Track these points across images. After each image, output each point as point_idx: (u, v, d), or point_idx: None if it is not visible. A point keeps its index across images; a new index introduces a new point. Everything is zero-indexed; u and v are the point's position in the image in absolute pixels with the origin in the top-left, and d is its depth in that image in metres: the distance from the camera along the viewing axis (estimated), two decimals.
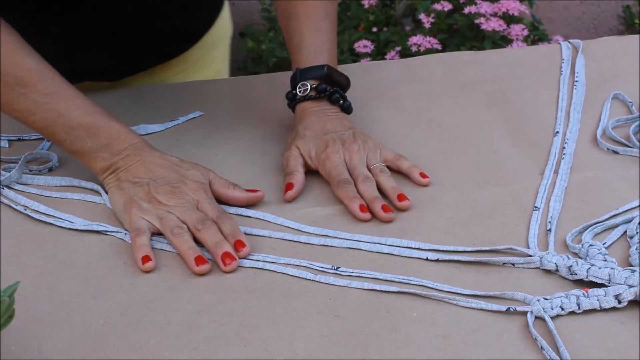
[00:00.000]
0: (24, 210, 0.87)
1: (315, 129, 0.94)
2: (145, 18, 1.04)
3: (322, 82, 0.97)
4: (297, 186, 0.89)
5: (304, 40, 0.99)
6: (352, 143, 0.92)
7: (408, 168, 0.91)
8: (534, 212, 0.84)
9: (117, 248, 0.82)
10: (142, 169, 0.86)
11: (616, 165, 0.92)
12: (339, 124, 0.95)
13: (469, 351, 0.69)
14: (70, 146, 0.88)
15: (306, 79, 0.97)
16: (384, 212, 0.84)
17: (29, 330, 0.72)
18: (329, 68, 0.97)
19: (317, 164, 0.91)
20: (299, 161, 0.91)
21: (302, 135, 0.94)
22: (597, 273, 0.74)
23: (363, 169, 0.89)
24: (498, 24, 2.10)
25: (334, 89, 0.97)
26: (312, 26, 0.99)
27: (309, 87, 0.97)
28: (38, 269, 0.79)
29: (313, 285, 0.77)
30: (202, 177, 0.86)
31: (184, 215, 0.82)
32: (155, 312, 0.74)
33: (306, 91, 0.97)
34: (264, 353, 0.69)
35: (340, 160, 0.90)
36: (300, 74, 0.98)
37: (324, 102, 0.97)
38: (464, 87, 1.09)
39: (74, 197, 0.89)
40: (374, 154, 0.91)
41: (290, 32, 1.01)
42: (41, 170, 0.93)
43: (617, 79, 1.08)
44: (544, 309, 0.71)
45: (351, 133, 0.93)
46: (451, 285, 0.75)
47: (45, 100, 0.86)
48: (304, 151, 0.92)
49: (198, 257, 0.78)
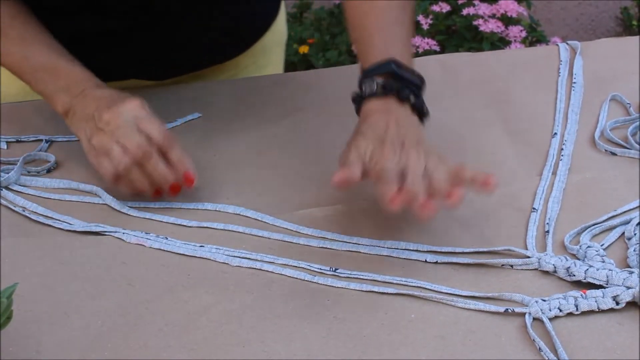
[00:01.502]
0: (23, 211, 0.87)
1: (378, 129, 0.82)
2: (194, 20, 1.03)
3: (391, 78, 0.85)
4: (349, 174, 0.78)
5: (373, 39, 0.90)
6: (412, 148, 0.79)
7: (471, 177, 0.78)
8: (532, 214, 0.84)
9: (116, 248, 0.82)
10: (92, 104, 0.88)
11: (614, 167, 0.92)
12: (406, 128, 0.82)
13: (467, 352, 0.69)
14: (36, 87, 0.92)
15: (372, 76, 0.86)
16: (421, 207, 0.75)
17: (27, 330, 0.72)
18: (397, 63, 0.86)
19: (370, 165, 0.79)
20: (356, 159, 0.80)
21: (361, 133, 0.82)
22: (595, 274, 0.74)
23: (417, 172, 0.77)
24: (496, 25, 2.10)
25: (403, 83, 0.85)
26: (382, 27, 0.91)
27: (375, 84, 0.85)
28: (36, 269, 0.79)
29: (311, 287, 0.77)
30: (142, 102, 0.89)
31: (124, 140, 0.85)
32: (154, 312, 0.74)
33: (372, 89, 0.85)
34: (262, 354, 0.69)
35: (394, 164, 0.78)
36: (364, 73, 0.87)
37: (391, 101, 0.85)
38: (462, 88, 1.09)
39: (72, 198, 0.89)
40: (434, 165, 0.79)
41: (359, 40, 0.92)
42: (39, 172, 0.93)
43: (615, 81, 1.08)
44: (542, 310, 0.71)
45: (416, 140, 0.81)
46: (449, 286, 0.75)
47: (13, 45, 0.92)
48: (360, 151, 0.80)
49: None
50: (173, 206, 0.87)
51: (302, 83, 1.12)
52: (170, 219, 0.86)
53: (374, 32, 0.91)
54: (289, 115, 0.99)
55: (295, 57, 2.29)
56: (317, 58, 2.23)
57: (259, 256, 0.80)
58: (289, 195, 0.89)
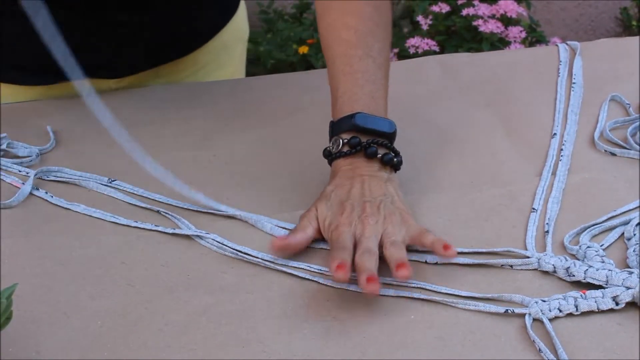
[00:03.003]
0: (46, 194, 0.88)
1: (341, 193, 0.80)
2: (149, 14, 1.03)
3: (355, 135, 0.83)
4: (290, 240, 0.79)
5: (339, 83, 0.86)
6: (372, 215, 0.78)
7: (431, 243, 0.76)
8: (532, 214, 0.84)
9: (115, 248, 0.82)
10: None
11: (614, 167, 0.92)
12: (370, 189, 0.81)
13: (467, 353, 0.69)
14: None
15: (339, 133, 0.84)
16: (366, 282, 0.71)
17: (27, 330, 0.72)
18: (361, 116, 0.83)
19: (327, 230, 0.79)
20: (312, 224, 0.80)
21: (326, 196, 0.81)
22: (594, 275, 0.74)
23: (369, 243, 0.76)
24: (496, 25, 2.10)
25: (370, 140, 0.83)
26: (347, 68, 0.86)
27: (341, 142, 0.83)
28: (36, 270, 0.79)
29: (311, 287, 0.77)
30: None
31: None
32: (154, 312, 0.74)
33: (339, 147, 0.83)
34: (262, 354, 0.69)
35: (349, 234, 0.77)
36: (333, 127, 0.85)
37: (359, 159, 0.83)
38: (461, 88, 1.09)
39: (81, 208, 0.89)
40: (395, 229, 0.77)
41: (329, 75, 0.88)
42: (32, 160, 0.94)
43: (615, 81, 1.08)
44: (542, 310, 0.71)
45: (379, 201, 0.79)
46: (449, 287, 0.75)
47: None
48: (321, 216, 0.80)
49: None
50: None
51: (302, 83, 1.12)
52: None
53: (340, 73, 0.86)
54: (289, 115, 0.99)
55: (294, 57, 2.29)
56: (317, 58, 2.23)
57: (259, 254, 0.80)
58: (289, 195, 0.89)
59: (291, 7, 2.46)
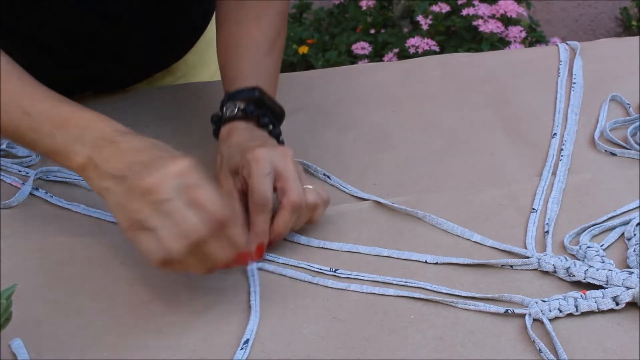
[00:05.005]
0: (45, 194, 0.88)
1: (241, 142, 0.83)
2: (145, 25, 1.03)
3: (252, 104, 0.87)
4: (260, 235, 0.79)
5: (242, 67, 0.91)
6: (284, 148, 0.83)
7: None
8: (532, 214, 0.84)
9: (115, 248, 0.82)
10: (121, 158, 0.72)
11: (614, 167, 0.92)
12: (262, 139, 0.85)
13: (467, 353, 0.69)
14: (41, 146, 0.76)
15: (234, 100, 0.87)
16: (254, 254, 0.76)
17: (27, 331, 0.72)
18: (261, 91, 0.88)
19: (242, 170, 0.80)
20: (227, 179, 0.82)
21: (227, 154, 0.84)
22: (594, 275, 0.74)
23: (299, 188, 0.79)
24: (496, 25, 2.10)
25: (265, 111, 0.88)
26: (252, 64, 0.92)
27: (236, 107, 0.87)
28: (35, 270, 0.79)
29: (311, 287, 0.77)
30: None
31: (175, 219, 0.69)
32: (153, 313, 0.74)
33: (233, 112, 0.87)
34: (262, 354, 0.69)
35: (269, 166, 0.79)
36: (228, 96, 0.89)
37: (252, 125, 0.87)
38: (461, 88, 1.09)
39: None
40: None
41: (227, 66, 0.93)
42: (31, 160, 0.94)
43: (615, 81, 1.08)
44: (542, 311, 0.71)
45: None
46: (449, 287, 0.75)
47: (8, 100, 0.76)
48: (232, 169, 0.82)
49: None
50: None
51: (302, 83, 1.12)
52: None
53: (244, 61, 0.92)
54: (289, 115, 0.99)
55: (294, 57, 2.29)
56: (317, 58, 2.23)
57: None
58: None
59: (291, 7, 2.46)
